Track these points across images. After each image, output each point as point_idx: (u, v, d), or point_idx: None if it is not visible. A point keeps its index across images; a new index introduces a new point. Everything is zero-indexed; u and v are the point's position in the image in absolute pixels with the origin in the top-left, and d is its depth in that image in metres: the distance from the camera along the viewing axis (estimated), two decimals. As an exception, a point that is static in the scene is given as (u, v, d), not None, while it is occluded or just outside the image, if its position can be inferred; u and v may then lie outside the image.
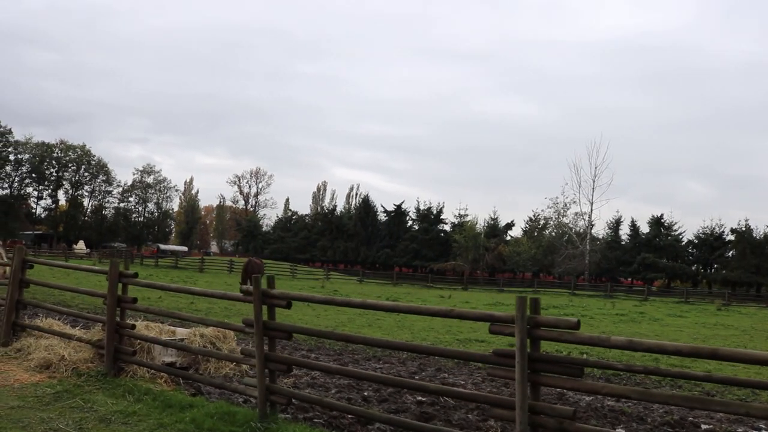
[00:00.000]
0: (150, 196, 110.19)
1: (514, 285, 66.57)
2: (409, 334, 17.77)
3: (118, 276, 8.54)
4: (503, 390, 10.58)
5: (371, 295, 36.19)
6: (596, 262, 78.28)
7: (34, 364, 8.97)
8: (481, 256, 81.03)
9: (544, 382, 5.29)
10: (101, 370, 8.54)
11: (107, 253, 66.06)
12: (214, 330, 9.64)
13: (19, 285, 10.30)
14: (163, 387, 8.21)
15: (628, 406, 9.65)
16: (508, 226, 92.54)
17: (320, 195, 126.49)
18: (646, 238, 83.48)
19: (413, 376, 11.32)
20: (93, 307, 17.63)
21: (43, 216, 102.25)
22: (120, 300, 8.54)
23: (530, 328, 5.30)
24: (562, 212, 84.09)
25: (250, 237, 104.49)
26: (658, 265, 79.44)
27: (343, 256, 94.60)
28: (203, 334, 9.49)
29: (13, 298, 10.22)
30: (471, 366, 12.82)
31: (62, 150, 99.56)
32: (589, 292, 58.35)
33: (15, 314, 10.26)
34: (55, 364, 8.82)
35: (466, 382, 10.96)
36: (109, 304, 8.57)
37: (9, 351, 9.77)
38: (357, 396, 8.98)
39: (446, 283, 63.79)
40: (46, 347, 9.26)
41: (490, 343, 16.73)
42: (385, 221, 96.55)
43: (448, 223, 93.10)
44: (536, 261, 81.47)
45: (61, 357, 8.90)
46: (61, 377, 8.47)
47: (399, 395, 9.24)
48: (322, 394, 8.30)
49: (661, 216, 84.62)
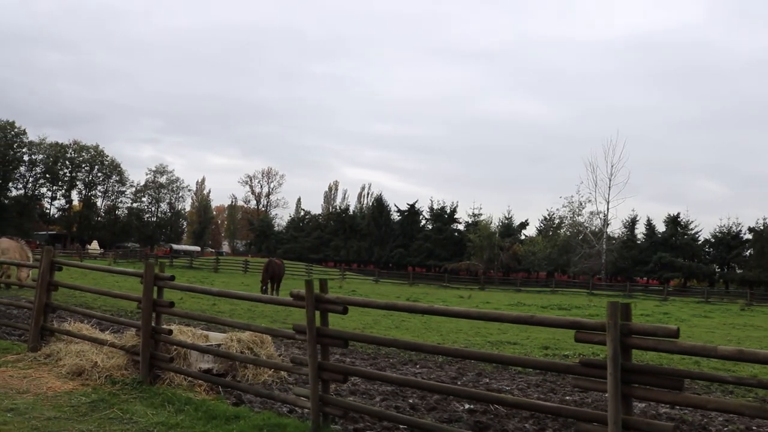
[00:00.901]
0: (163, 196, 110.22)
1: (531, 285, 65.89)
2: (438, 336, 17.30)
3: (154, 279, 8.12)
4: (551, 396, 10.10)
5: (390, 296, 35.73)
6: (612, 261, 77.51)
7: (65, 371, 8.57)
8: (495, 255, 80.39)
9: (638, 395, 4.81)
10: (137, 377, 8.11)
11: (122, 253, 65.87)
12: (251, 335, 9.19)
13: (47, 288, 9.90)
14: (204, 396, 7.77)
15: (685, 413, 9.14)
16: (522, 225, 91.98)
17: (332, 195, 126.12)
18: (662, 237, 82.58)
19: (455, 381, 10.85)
20: (116, 309, 17.25)
21: (56, 216, 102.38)
22: (156, 304, 8.11)
23: (622, 336, 4.81)
24: (577, 211, 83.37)
25: (263, 237, 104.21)
26: (675, 265, 78.55)
27: (356, 256, 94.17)
28: (240, 339, 9.05)
29: (41, 302, 9.82)
30: (511, 370, 12.33)
31: (76, 150, 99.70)
32: (607, 292, 57.68)
33: (43, 318, 9.86)
34: (88, 371, 8.41)
35: (512, 388, 10.46)
36: (144, 308, 8.14)
37: (38, 356, 9.37)
38: (404, 404, 8.51)
39: (462, 283, 63.24)
40: (78, 353, 8.85)
41: (523, 346, 16.25)
42: (398, 221, 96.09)
43: (462, 223, 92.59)
44: (551, 260, 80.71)
45: (93, 363, 8.48)
46: (95, 385, 8.05)
47: (446, 402, 8.78)
48: (373, 404, 7.83)
49: (678, 215, 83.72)
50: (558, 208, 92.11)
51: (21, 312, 14.98)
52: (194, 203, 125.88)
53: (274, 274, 26.48)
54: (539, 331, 19.31)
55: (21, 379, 8.24)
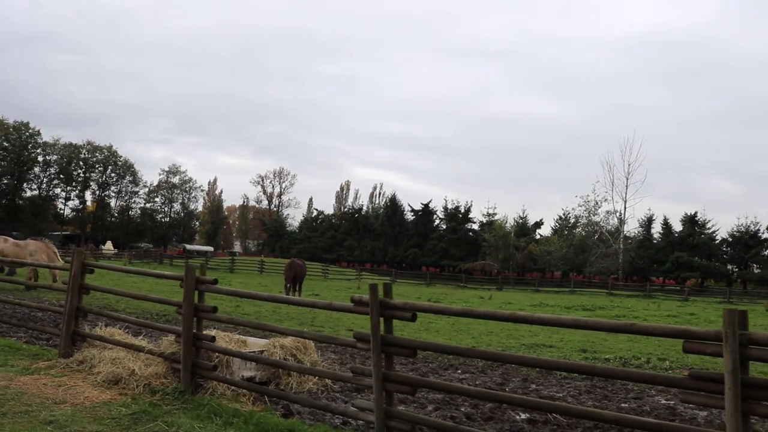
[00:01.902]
0: (176, 196, 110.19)
1: (548, 285, 65.13)
2: (470, 338, 16.81)
3: (195, 282, 7.66)
4: (606, 403, 9.58)
5: (411, 296, 35.17)
6: (629, 261, 76.71)
7: (101, 379, 8.13)
8: (511, 255, 79.71)
9: (759, 412, 4.30)
10: (178, 387, 7.66)
11: (136, 254, 65.71)
12: (293, 340, 8.73)
13: (79, 291, 9.47)
14: (251, 407, 7.30)
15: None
16: (537, 224, 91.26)
17: (343, 194, 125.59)
18: (679, 236, 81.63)
19: (502, 387, 10.35)
20: (139, 311, 16.85)
21: (70, 216, 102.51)
22: (197, 309, 7.65)
23: (741, 346, 4.30)
24: (593, 210, 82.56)
25: (276, 237, 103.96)
26: (692, 264, 77.65)
27: (370, 256, 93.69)
28: (284, 346, 8.58)
29: (72, 306, 9.40)
30: (556, 375, 11.82)
31: (89, 151, 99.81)
32: (626, 292, 56.92)
33: (75, 323, 9.43)
34: (125, 379, 7.97)
35: (565, 396, 9.94)
36: (185, 313, 7.69)
37: (71, 363, 8.94)
38: (459, 413, 8.03)
39: (479, 283, 62.60)
40: (113, 360, 8.41)
41: (560, 349, 15.72)
42: (412, 220, 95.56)
43: (476, 223, 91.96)
44: (567, 260, 79.92)
45: (131, 371, 8.04)
46: (134, 394, 7.61)
47: (501, 411, 8.29)
48: (427, 413, 7.34)
49: (695, 214, 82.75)
50: (573, 208, 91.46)
51: (45, 315, 14.62)
52: (206, 203, 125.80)
53: (296, 275, 26.07)
54: (572, 333, 18.79)
55: (56, 388, 7.81)
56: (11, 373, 8.46)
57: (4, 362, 9.06)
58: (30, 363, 9.08)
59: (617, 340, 18.20)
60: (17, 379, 8.17)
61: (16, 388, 7.72)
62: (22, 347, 10.13)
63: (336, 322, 18.32)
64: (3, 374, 8.34)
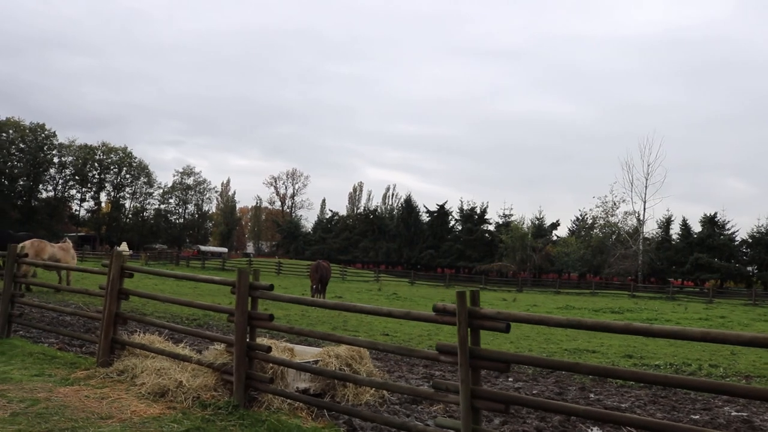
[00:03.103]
0: (190, 197, 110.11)
1: (567, 286, 64.28)
2: (508, 343, 16.21)
3: (248, 288, 7.15)
4: (675, 414, 8.99)
5: (435, 298, 34.57)
6: (647, 262, 75.75)
7: (146, 391, 7.63)
8: (528, 257, 78.93)
9: None
10: (230, 400, 7.13)
11: (152, 255, 65.45)
12: (348, 349, 8.20)
13: (117, 296, 8.98)
14: (311, 422, 6.77)
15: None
16: (553, 225, 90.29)
17: (356, 196, 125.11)
18: (698, 237, 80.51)
19: (561, 396, 9.79)
20: (169, 315, 16.39)
21: (86, 218, 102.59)
22: (252, 317, 7.13)
23: None
24: (610, 211, 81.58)
25: (291, 238, 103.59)
26: (712, 266, 76.54)
27: (385, 257, 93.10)
28: (339, 355, 8.05)
29: (111, 312, 8.90)
30: (613, 383, 11.22)
31: (104, 152, 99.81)
32: (649, 294, 56.07)
33: (113, 329, 8.94)
34: (172, 392, 7.46)
35: (631, 406, 9.35)
36: (238, 321, 7.16)
37: (111, 373, 8.43)
38: (529, 427, 7.48)
39: (497, 285, 61.87)
40: (158, 371, 7.90)
41: (604, 354, 15.13)
42: (427, 222, 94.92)
43: (492, 224, 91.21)
44: (585, 261, 79.00)
45: (178, 383, 7.53)
46: (183, 408, 7.09)
47: (571, 425, 7.73)
48: (495, 426, 6.79)
49: (715, 215, 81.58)
50: (591, 209, 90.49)
51: (74, 319, 14.14)
52: (219, 205, 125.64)
53: (322, 277, 25.58)
54: (610, 338, 18.21)
55: (99, 401, 7.32)
56: (50, 383, 7.99)
57: (41, 371, 8.59)
58: (68, 372, 8.60)
59: (657, 345, 17.61)
60: (57, 390, 7.69)
61: (58, 400, 7.23)
62: (56, 354, 9.65)
63: (369, 325, 17.80)
64: (42, 385, 7.87)
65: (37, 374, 8.43)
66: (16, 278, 10.78)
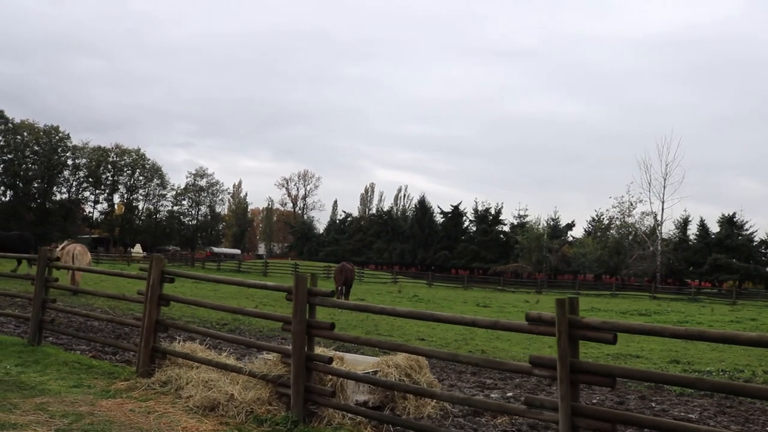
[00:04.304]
0: (202, 199, 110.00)
1: (586, 287, 63.42)
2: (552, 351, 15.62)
3: (307, 294, 6.63)
4: (751, 427, 8.41)
5: (457, 300, 33.99)
6: (665, 263, 74.81)
7: (194, 404, 7.12)
8: (544, 257, 78.15)
9: None
10: (288, 415, 6.61)
11: (170, 257, 65.14)
12: (406, 358, 7.66)
13: (158, 303, 8.49)
14: (379, 441, 6.25)
15: None
16: (568, 226, 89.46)
17: (368, 197, 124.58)
18: (716, 238, 79.45)
19: (621, 405, 9.21)
20: (198, 320, 15.90)
21: (99, 220, 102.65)
22: (311, 325, 6.61)
23: None
24: (627, 212, 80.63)
25: (304, 239, 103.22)
26: (731, 267, 75.48)
27: (399, 259, 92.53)
28: (398, 365, 7.51)
29: (151, 319, 8.41)
30: (673, 391, 10.64)
31: (117, 154, 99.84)
32: (670, 296, 55.17)
33: (153, 337, 8.45)
34: (223, 405, 6.95)
35: (702, 418, 8.76)
36: (295, 330, 6.65)
37: (153, 384, 7.93)
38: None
39: (514, 286, 61.14)
40: (205, 382, 7.40)
41: (649, 360, 14.53)
42: (441, 222, 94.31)
43: (507, 224, 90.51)
44: (602, 262, 78.11)
45: (229, 396, 7.02)
46: (237, 424, 6.58)
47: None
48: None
49: (733, 215, 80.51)
50: (607, 209, 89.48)
51: (102, 324, 13.66)
52: (231, 206, 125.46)
53: (347, 279, 25.12)
54: (650, 342, 17.60)
55: (145, 415, 6.82)
56: (90, 395, 7.51)
57: (79, 382, 8.11)
58: (107, 383, 8.11)
59: (699, 349, 17.03)
60: (99, 403, 7.20)
61: (102, 415, 6.74)
62: (92, 363, 9.17)
63: (401, 330, 17.27)
64: (83, 397, 7.38)
65: (75, 385, 7.95)
66: (47, 282, 10.32)
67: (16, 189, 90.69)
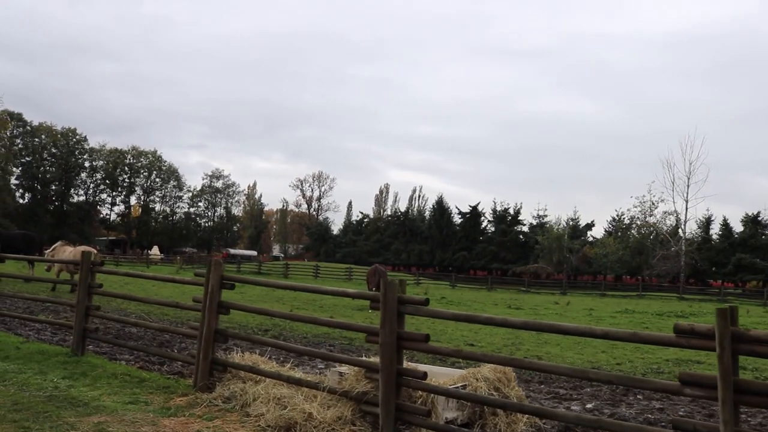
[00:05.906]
0: (219, 200, 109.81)
1: (614, 289, 62.28)
2: (606, 356, 14.89)
3: (397, 302, 5.96)
4: None
5: (486, 302, 33.20)
6: (689, 263, 73.59)
7: (266, 423, 6.46)
8: (565, 258, 77.13)
9: None
10: (377, 437, 5.95)
11: (188, 258, 64.79)
12: (493, 370, 6.98)
13: (217, 310, 7.85)
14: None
15: None
16: (588, 226, 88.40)
17: (383, 198, 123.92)
18: (740, 237, 78.13)
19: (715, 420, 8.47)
20: (237, 325, 15.26)
21: (116, 222, 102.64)
22: (401, 337, 5.94)
23: None
24: (648, 211, 79.40)
25: (321, 241, 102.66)
26: (755, 267, 74.15)
27: (417, 260, 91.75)
28: (486, 378, 6.83)
29: (210, 328, 7.78)
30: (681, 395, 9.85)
31: (134, 156, 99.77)
32: (698, 296, 54.06)
33: (212, 348, 7.81)
34: (300, 425, 6.28)
35: None
36: (384, 343, 5.97)
37: (215, 400, 7.28)
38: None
39: (536, 287, 60.21)
40: (277, 399, 6.74)
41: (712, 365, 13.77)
42: (459, 223, 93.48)
43: (526, 225, 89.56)
44: (624, 263, 76.95)
45: (306, 415, 6.35)
46: (319, 447, 5.93)
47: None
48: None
49: (757, 214, 79.13)
50: (629, 208, 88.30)
51: (141, 331, 13.03)
52: (246, 207, 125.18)
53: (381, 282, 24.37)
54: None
55: (215, 437, 6.17)
56: (150, 413, 6.85)
57: (134, 398, 7.47)
58: (164, 399, 7.47)
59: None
60: (161, 422, 6.55)
61: (168, 437, 6.10)
62: (143, 376, 8.54)
63: (444, 334, 16.58)
64: (142, 416, 6.74)
65: (131, 401, 7.31)
66: (91, 289, 9.70)
67: (34, 191, 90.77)
